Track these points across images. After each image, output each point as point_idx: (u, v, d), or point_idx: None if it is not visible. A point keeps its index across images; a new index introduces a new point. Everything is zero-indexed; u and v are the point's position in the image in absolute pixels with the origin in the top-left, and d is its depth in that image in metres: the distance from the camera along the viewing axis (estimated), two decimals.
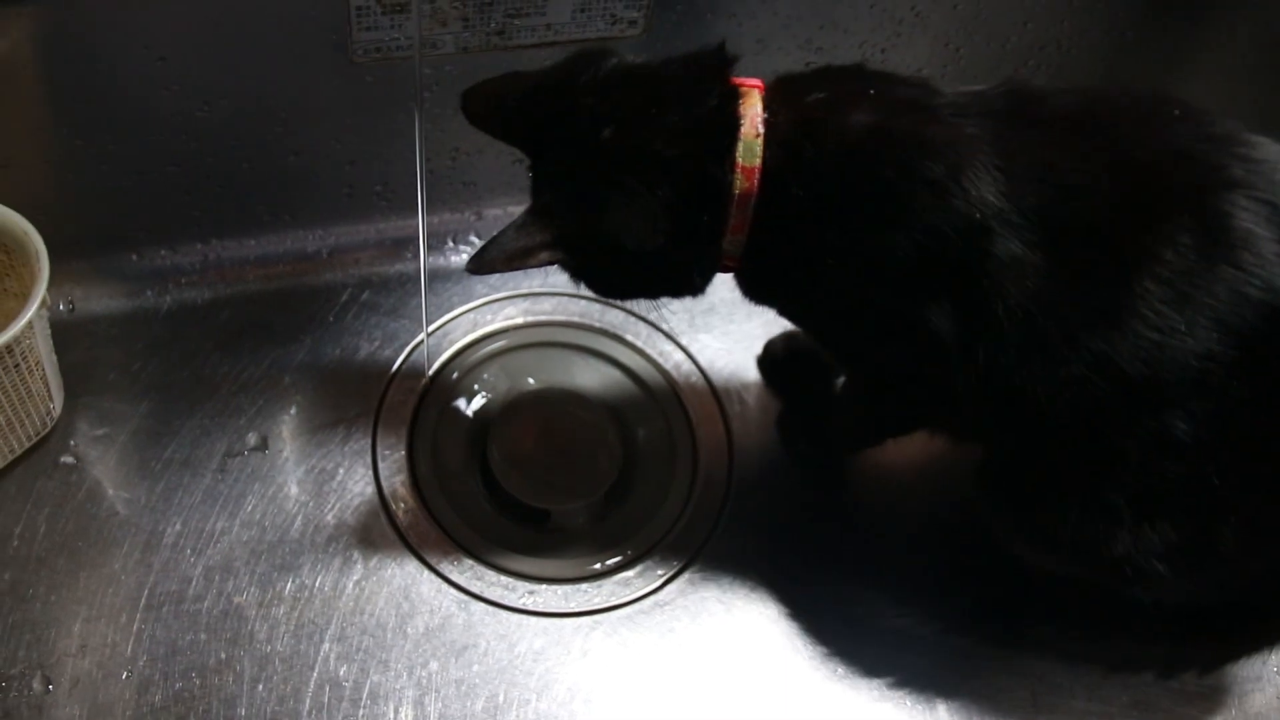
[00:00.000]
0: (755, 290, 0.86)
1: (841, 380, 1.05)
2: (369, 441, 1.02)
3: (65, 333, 1.02)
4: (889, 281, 0.76)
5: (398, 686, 0.89)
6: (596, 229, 0.78)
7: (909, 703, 0.93)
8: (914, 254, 0.74)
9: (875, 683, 0.94)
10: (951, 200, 0.72)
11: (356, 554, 0.96)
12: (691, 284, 0.83)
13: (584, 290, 0.84)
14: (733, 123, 0.76)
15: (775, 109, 0.77)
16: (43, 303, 0.87)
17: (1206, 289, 0.71)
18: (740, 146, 0.75)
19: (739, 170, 0.76)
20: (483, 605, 0.94)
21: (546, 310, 1.13)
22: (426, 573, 0.95)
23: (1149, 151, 0.75)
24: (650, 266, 0.80)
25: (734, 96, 0.77)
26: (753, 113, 0.76)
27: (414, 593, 0.94)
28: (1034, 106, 0.77)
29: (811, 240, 0.77)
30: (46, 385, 0.94)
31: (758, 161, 0.76)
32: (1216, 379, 0.72)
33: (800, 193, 0.75)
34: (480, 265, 0.79)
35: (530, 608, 0.95)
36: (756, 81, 0.79)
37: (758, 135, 0.76)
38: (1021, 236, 0.72)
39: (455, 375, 1.08)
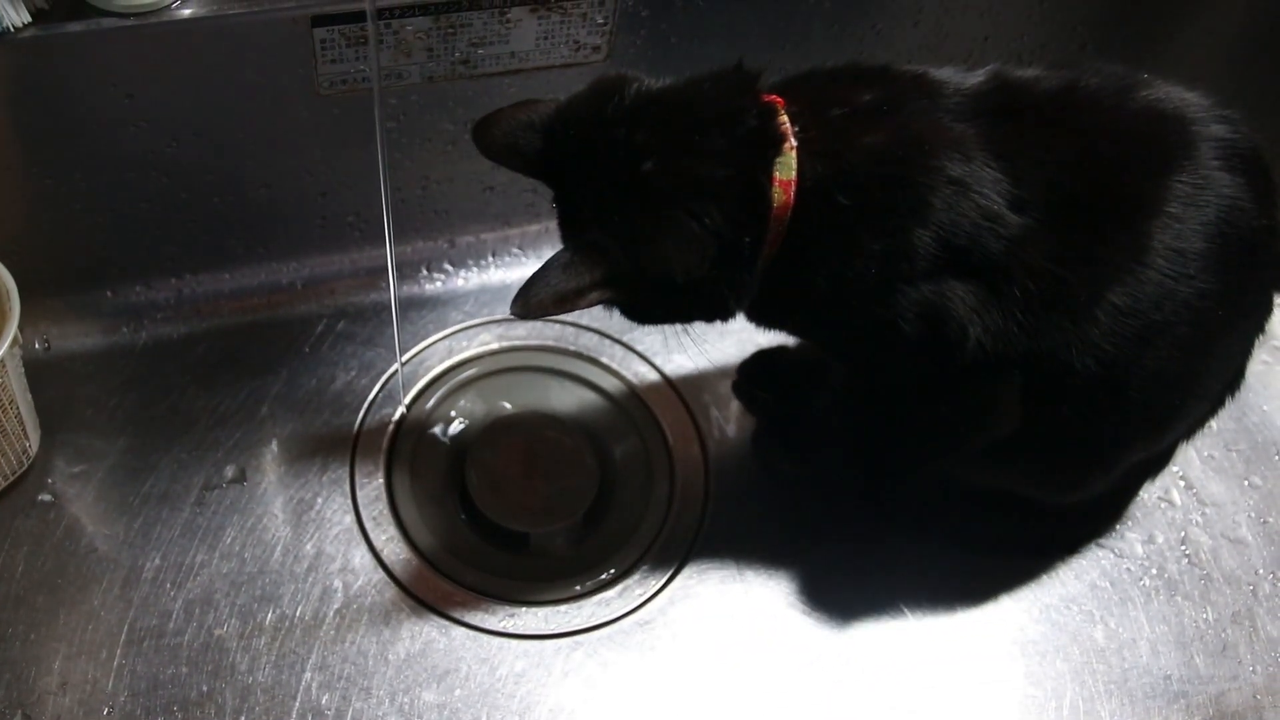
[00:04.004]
0: (769, 310, 0.86)
1: (820, 399, 1.05)
2: (347, 470, 1.02)
3: (41, 370, 1.02)
4: (915, 273, 0.78)
5: (380, 713, 0.89)
6: (648, 264, 0.76)
7: (896, 708, 0.93)
8: (937, 245, 0.77)
9: (859, 690, 0.94)
10: (970, 193, 0.76)
11: (337, 583, 0.96)
12: (726, 307, 0.82)
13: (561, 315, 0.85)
14: (777, 139, 0.77)
15: (804, 123, 0.78)
16: (15, 341, 0.88)
17: (1202, 234, 0.78)
18: (778, 161, 0.76)
19: (777, 184, 0.76)
20: (463, 630, 0.95)
21: (521, 335, 1.13)
22: (407, 599, 0.96)
23: (1131, 117, 0.81)
24: (693, 294, 0.79)
25: (772, 112, 0.78)
26: (787, 127, 0.77)
27: (394, 619, 0.94)
28: (1021, 96, 0.81)
29: (844, 244, 0.78)
30: (22, 424, 0.95)
31: (793, 175, 0.77)
32: (1208, 309, 0.80)
33: (841, 200, 0.77)
34: (527, 308, 0.75)
35: (511, 631, 0.95)
36: (776, 97, 0.79)
37: (792, 149, 0.77)
38: (1035, 214, 0.77)
39: (432, 402, 1.09)
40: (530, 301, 0.75)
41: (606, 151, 0.77)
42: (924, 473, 1.00)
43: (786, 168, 0.76)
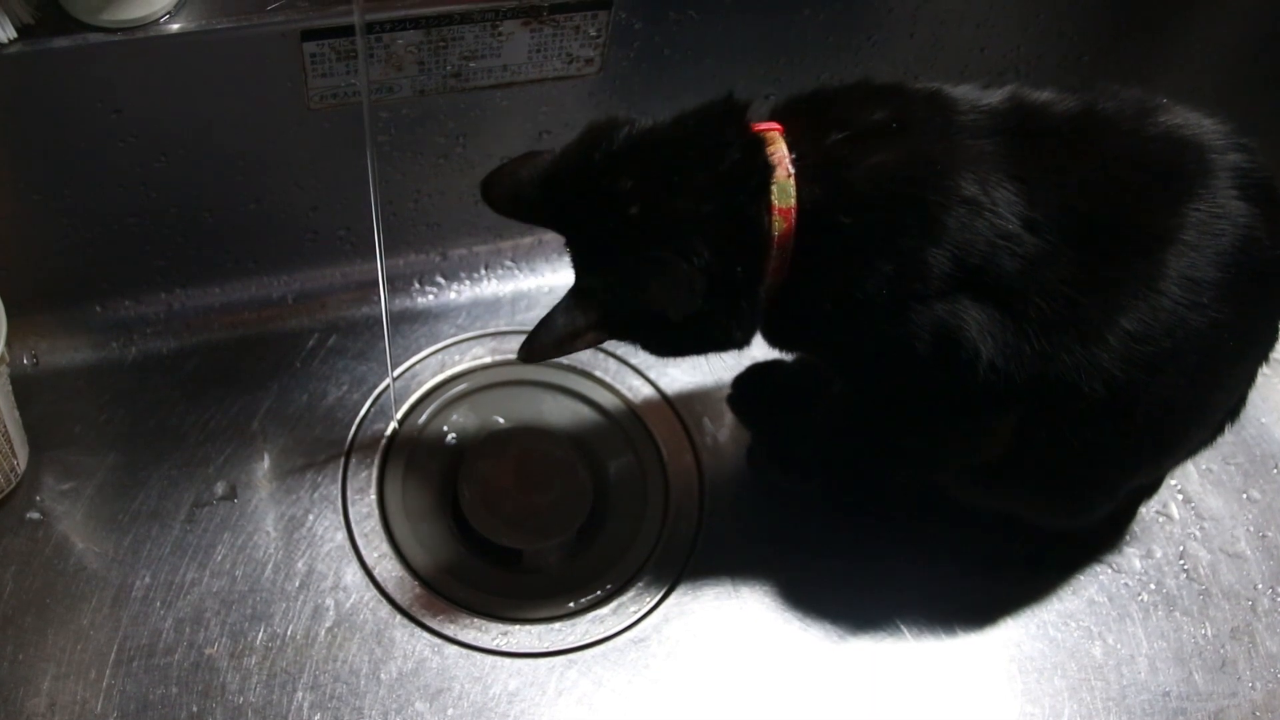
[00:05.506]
0: (783, 333, 0.86)
1: (816, 410, 1.05)
2: (339, 487, 1.02)
3: (30, 386, 1.02)
4: (928, 293, 0.78)
5: None
6: (638, 305, 0.78)
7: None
8: (951, 264, 0.76)
9: (855, 708, 0.93)
10: (984, 213, 0.75)
11: (328, 600, 0.95)
12: (731, 337, 0.83)
13: None
14: (764, 168, 0.76)
15: (802, 149, 0.78)
16: (1, 358, 0.87)
17: (1216, 263, 0.78)
18: (774, 190, 0.76)
19: (776, 213, 0.76)
20: (456, 648, 0.94)
21: (513, 349, 1.12)
22: (399, 617, 0.95)
23: (1149, 142, 0.80)
24: (694, 328, 0.80)
25: (759, 143, 0.78)
26: (780, 155, 0.77)
27: (387, 638, 0.94)
28: (1039, 117, 0.80)
29: (853, 268, 0.78)
30: (9, 441, 0.94)
31: (793, 202, 0.76)
32: (1219, 338, 0.80)
33: (844, 222, 0.77)
34: (531, 353, 0.79)
35: (504, 649, 0.94)
36: (774, 125, 0.79)
37: (789, 176, 0.76)
38: (1050, 235, 0.76)
39: (424, 417, 1.08)
40: (534, 347, 0.79)
41: (595, 200, 0.78)
42: (911, 487, 1.00)
43: (785, 195, 0.76)
